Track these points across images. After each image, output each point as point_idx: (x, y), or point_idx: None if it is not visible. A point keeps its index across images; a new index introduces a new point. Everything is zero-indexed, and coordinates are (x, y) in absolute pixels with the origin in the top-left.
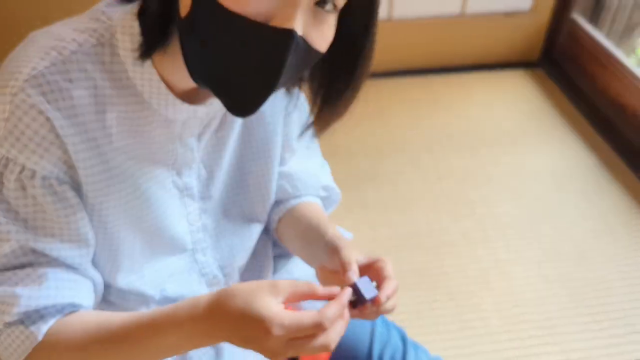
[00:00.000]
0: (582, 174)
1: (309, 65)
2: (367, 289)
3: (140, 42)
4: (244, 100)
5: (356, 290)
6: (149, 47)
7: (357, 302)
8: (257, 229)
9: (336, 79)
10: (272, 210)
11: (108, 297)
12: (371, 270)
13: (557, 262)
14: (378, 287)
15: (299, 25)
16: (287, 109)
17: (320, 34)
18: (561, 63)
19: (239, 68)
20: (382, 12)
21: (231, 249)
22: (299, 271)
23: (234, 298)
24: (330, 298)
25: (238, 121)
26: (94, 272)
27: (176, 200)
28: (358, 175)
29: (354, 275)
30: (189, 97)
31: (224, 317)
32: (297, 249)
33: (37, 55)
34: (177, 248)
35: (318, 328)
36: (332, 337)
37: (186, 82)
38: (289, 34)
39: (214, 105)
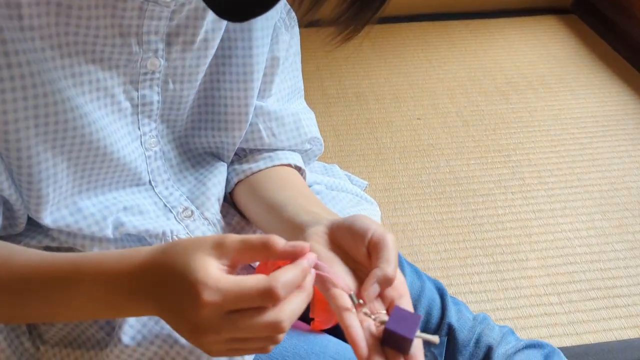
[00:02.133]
0: (631, 119)
1: None
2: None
3: None
4: (239, 6)
5: (398, 321)
6: None
7: (390, 337)
8: (224, 167)
9: None
10: (233, 163)
11: (50, 231)
12: (355, 241)
13: (612, 213)
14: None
15: None
16: (284, 21)
17: None
18: (598, 6)
19: None
20: None
21: (198, 180)
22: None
23: (174, 252)
24: (294, 258)
25: (222, 27)
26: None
27: (127, 117)
28: (372, 121)
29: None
30: None
31: (156, 273)
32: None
33: None
34: (129, 179)
35: (267, 297)
36: (287, 313)
37: None
38: None
39: None
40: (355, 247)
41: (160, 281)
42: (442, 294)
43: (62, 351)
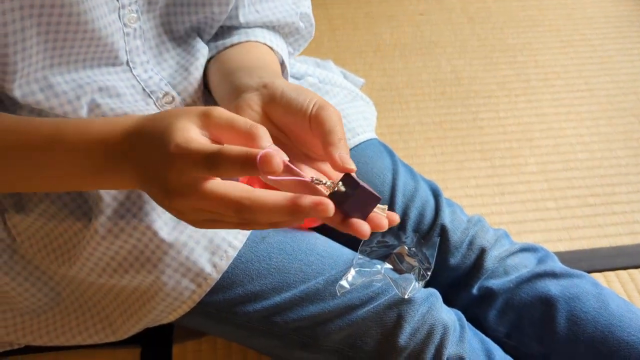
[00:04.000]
0: None
1: None
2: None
3: None
4: None
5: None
6: None
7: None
8: (206, 50)
9: None
10: (209, 43)
11: (19, 111)
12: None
13: (618, 119)
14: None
15: None
16: None
17: None
18: None
19: None
20: None
21: (180, 65)
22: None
23: (160, 117)
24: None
25: None
26: None
27: None
28: (371, 14)
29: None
30: None
31: (139, 137)
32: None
33: None
34: (104, 56)
35: (210, 161)
36: (256, 210)
37: None
38: None
39: None
40: (294, 123)
41: (140, 143)
42: (436, 195)
43: (39, 242)
